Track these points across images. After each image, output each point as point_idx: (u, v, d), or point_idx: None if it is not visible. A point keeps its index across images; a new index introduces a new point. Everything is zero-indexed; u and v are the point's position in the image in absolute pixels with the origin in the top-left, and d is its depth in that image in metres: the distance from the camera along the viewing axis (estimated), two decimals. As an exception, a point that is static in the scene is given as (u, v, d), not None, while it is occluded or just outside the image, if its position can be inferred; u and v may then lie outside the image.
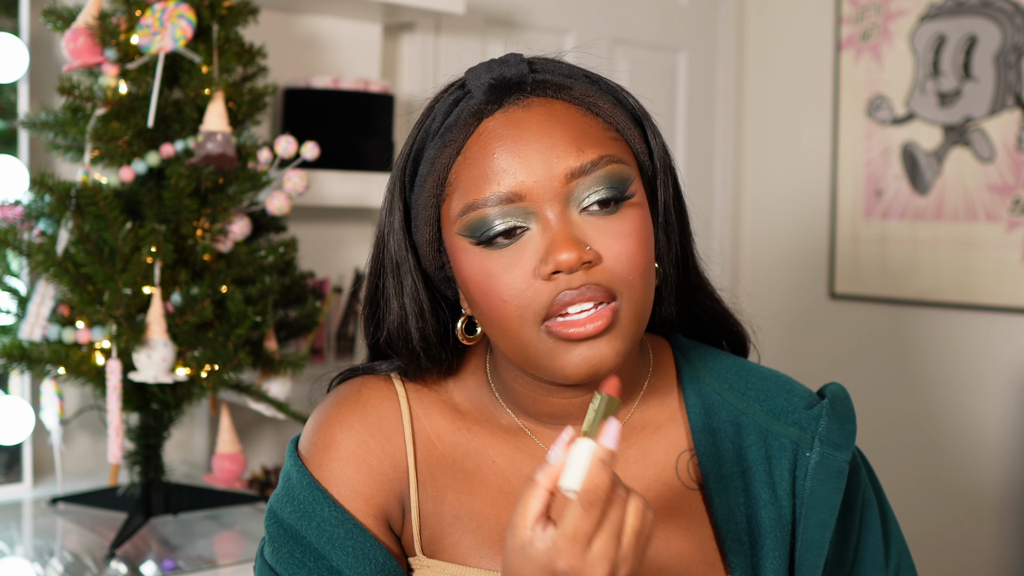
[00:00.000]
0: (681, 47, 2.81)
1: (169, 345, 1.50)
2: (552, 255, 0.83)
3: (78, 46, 1.54)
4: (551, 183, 0.85)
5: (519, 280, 0.85)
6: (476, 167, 0.86)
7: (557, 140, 0.86)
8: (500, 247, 0.86)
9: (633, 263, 0.86)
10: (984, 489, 2.48)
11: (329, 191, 1.91)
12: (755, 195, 2.92)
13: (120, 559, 1.47)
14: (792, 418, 0.97)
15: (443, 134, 0.89)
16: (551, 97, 0.88)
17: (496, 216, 0.85)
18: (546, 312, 0.84)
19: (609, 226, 0.86)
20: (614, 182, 0.86)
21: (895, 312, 2.63)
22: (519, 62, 0.89)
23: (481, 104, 0.88)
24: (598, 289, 0.84)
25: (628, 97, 0.93)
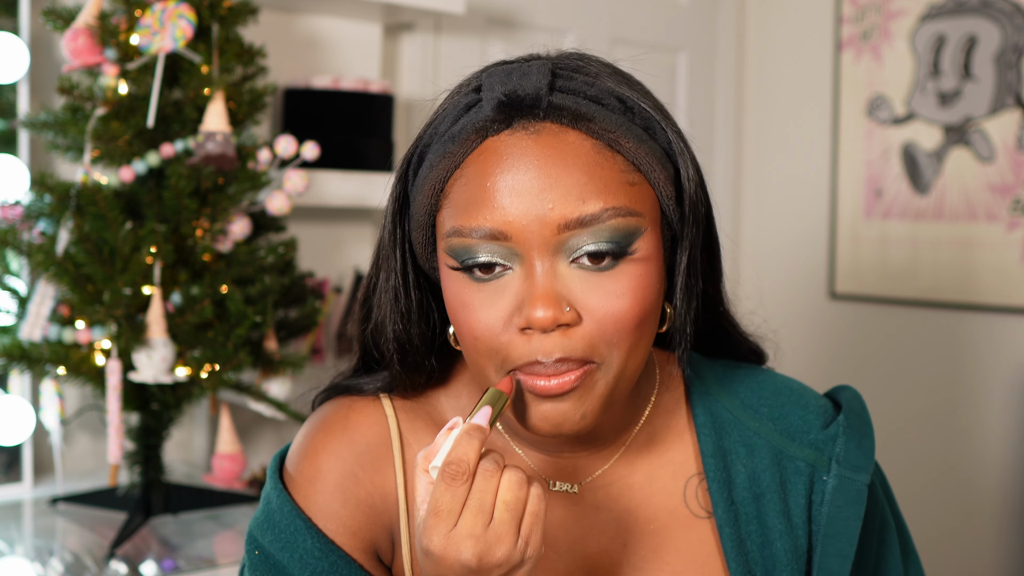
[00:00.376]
0: (681, 47, 2.81)
1: (169, 345, 1.50)
2: (527, 310, 0.76)
3: (78, 46, 1.54)
4: (541, 230, 0.76)
5: (494, 322, 0.78)
6: (469, 189, 0.78)
7: (558, 182, 0.76)
8: (480, 280, 0.79)
9: (620, 326, 0.78)
10: (984, 489, 2.48)
11: (329, 191, 1.91)
12: (755, 195, 2.92)
13: (120, 559, 1.47)
14: (808, 438, 0.91)
15: (446, 142, 0.81)
16: (566, 125, 0.78)
17: (479, 250, 0.78)
18: (513, 367, 0.78)
19: (601, 282, 0.77)
20: (615, 237, 0.77)
21: (895, 312, 2.63)
22: (541, 75, 0.79)
23: (487, 120, 0.79)
24: (572, 363, 0.77)
25: (666, 129, 0.82)
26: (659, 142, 0.81)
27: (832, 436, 0.91)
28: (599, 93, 0.80)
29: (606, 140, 0.79)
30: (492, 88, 0.79)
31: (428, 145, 0.83)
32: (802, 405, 0.94)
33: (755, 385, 0.95)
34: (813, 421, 0.92)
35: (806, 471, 0.91)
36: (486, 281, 0.79)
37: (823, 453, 0.91)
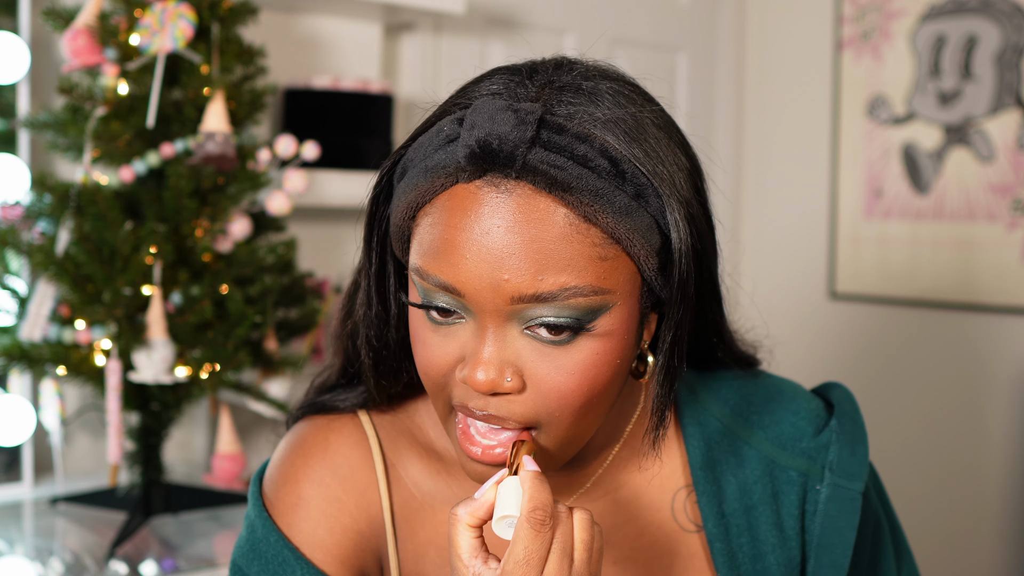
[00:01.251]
0: (681, 47, 2.81)
1: (169, 345, 1.50)
2: (468, 370, 0.74)
3: (78, 46, 1.54)
4: (494, 298, 0.72)
5: (442, 363, 0.76)
6: (433, 233, 0.74)
7: (515, 252, 0.70)
8: (436, 322, 0.76)
9: (564, 401, 0.74)
10: (984, 489, 2.48)
11: (329, 191, 1.91)
12: (755, 195, 2.92)
13: (120, 559, 1.47)
14: (800, 447, 0.89)
15: (419, 174, 0.75)
16: (540, 189, 0.71)
17: (436, 295, 0.74)
18: (453, 405, 0.77)
19: (552, 354, 0.73)
20: (573, 314, 0.72)
21: (895, 312, 2.63)
22: (526, 125, 0.71)
23: (458, 167, 0.73)
24: (501, 421, 0.75)
25: (660, 195, 0.74)
26: (649, 210, 0.74)
27: (825, 444, 0.89)
28: (588, 153, 0.72)
29: (581, 212, 0.71)
30: (471, 129, 0.72)
31: (411, 161, 0.78)
32: (793, 411, 0.91)
33: (746, 391, 0.93)
34: (805, 428, 0.90)
35: (799, 480, 0.89)
36: (441, 324, 0.75)
37: (816, 462, 0.89)
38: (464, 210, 0.72)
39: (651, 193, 0.74)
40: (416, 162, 0.77)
